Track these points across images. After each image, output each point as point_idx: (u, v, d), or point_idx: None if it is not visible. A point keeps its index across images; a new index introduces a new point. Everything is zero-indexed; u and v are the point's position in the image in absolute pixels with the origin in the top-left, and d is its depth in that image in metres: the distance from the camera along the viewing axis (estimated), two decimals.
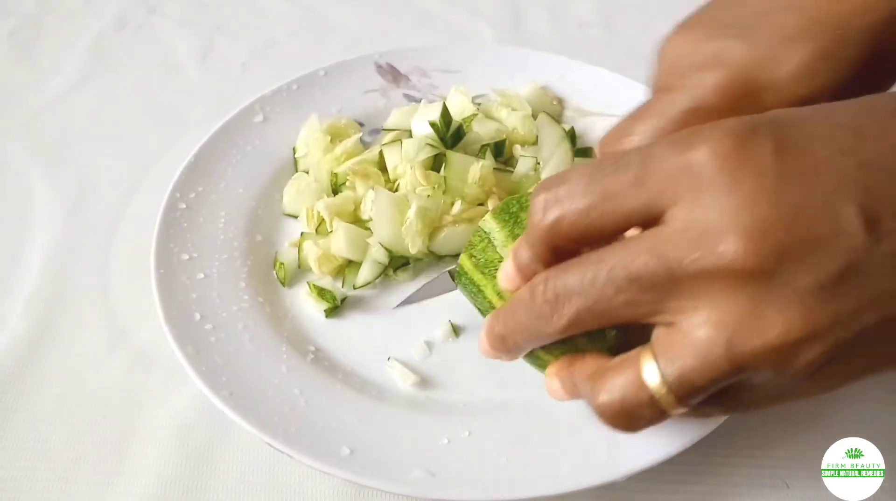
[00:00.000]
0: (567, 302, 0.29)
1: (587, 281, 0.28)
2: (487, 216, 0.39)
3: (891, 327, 0.25)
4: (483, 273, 0.39)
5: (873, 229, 0.25)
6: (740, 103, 0.34)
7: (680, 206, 0.26)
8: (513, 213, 0.39)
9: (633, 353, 0.29)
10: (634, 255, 0.27)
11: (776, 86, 0.33)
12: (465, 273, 0.40)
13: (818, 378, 0.26)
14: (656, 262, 0.26)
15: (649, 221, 0.27)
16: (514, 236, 0.38)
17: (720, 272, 0.25)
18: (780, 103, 0.33)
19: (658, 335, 0.28)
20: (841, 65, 0.33)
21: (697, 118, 0.34)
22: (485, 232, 0.39)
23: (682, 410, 0.28)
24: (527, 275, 0.32)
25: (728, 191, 0.25)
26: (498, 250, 0.38)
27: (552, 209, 0.29)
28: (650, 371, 0.28)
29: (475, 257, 0.39)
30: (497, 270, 0.36)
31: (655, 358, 0.28)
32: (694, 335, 0.26)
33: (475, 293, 0.40)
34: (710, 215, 0.25)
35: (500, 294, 0.37)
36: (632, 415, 0.28)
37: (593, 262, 0.28)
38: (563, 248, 0.30)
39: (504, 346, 0.34)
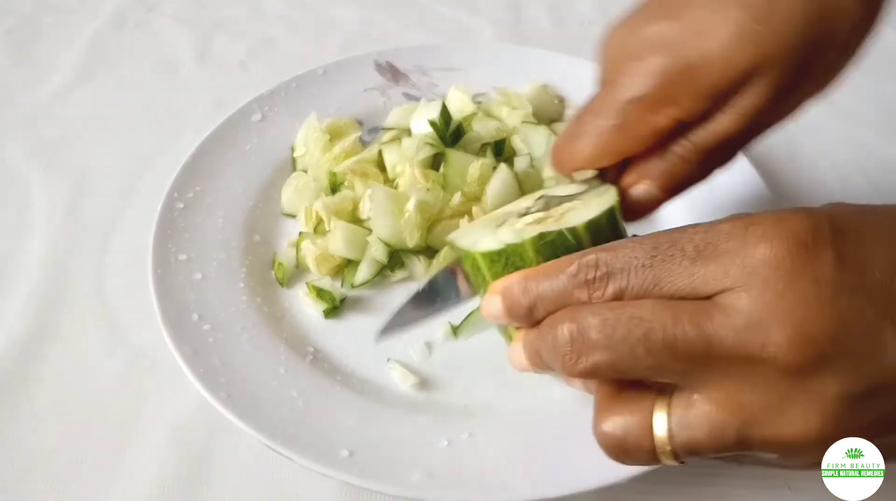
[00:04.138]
0: (589, 353, 0.28)
1: (617, 337, 0.27)
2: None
3: None
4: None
5: None
6: (678, 87, 0.33)
7: (733, 292, 0.26)
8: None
9: (647, 397, 0.29)
10: (675, 321, 0.26)
11: (711, 60, 0.32)
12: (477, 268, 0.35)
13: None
14: (697, 334, 0.26)
15: (695, 298, 0.27)
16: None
17: (759, 361, 0.25)
18: (718, 80, 0.32)
19: (678, 397, 0.28)
20: (779, 25, 0.31)
21: (640, 109, 0.34)
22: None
23: (675, 463, 0.29)
24: (517, 316, 0.31)
25: (784, 292, 0.25)
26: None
27: (610, 284, 0.28)
28: (660, 424, 0.28)
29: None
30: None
31: (668, 415, 0.28)
32: (712, 411, 0.27)
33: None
34: (763, 308, 0.25)
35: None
36: (628, 454, 0.29)
37: (628, 318, 0.27)
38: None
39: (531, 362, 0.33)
